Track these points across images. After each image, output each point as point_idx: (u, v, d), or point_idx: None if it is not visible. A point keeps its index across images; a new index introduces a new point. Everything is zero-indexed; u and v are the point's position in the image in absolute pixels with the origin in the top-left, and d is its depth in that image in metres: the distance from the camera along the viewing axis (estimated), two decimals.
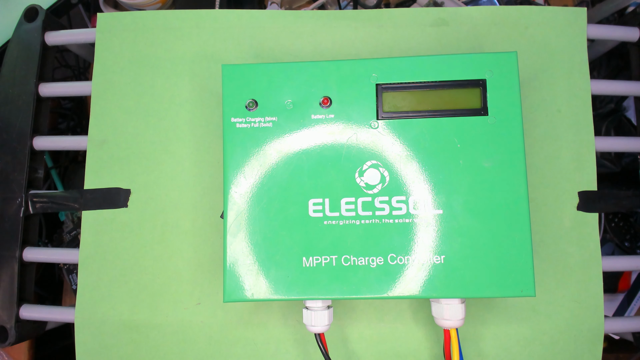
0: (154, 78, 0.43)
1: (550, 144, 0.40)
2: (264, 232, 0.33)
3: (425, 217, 0.32)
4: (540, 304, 0.39)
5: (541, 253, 0.39)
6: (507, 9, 0.42)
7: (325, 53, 0.42)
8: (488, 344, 0.39)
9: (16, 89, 0.44)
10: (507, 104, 0.33)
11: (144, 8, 0.53)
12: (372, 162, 0.33)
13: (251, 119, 0.34)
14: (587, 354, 0.38)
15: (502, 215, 0.32)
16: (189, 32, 0.43)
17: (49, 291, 0.57)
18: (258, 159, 0.33)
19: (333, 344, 0.39)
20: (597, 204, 0.40)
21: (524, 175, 0.32)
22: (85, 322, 0.40)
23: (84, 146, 0.43)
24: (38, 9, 0.45)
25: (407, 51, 0.42)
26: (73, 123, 0.63)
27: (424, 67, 0.34)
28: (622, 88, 0.43)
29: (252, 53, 0.43)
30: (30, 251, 0.42)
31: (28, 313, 0.41)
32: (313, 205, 0.33)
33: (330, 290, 0.32)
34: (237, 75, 0.34)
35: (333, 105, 0.34)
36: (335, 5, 0.55)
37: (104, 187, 0.42)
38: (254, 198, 0.33)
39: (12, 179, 0.43)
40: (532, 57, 0.41)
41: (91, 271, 0.41)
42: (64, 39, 0.46)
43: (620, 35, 0.44)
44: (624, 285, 0.54)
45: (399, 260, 0.32)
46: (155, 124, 0.42)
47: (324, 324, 0.33)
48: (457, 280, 0.32)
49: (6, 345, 0.40)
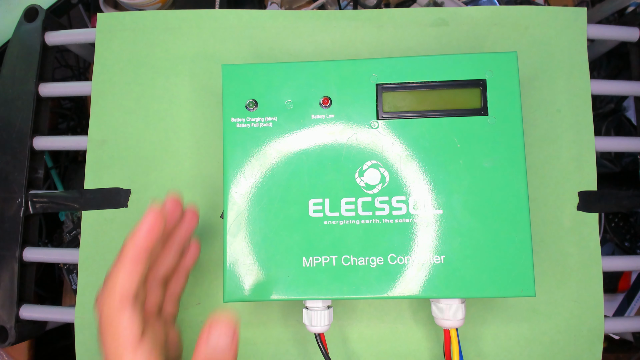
0: (154, 78, 0.43)
1: (550, 144, 0.40)
2: (264, 232, 0.33)
3: (425, 217, 0.32)
4: (540, 304, 0.39)
5: (541, 253, 0.39)
6: (507, 9, 0.42)
7: (325, 53, 0.42)
8: (488, 344, 0.39)
9: (16, 89, 0.44)
10: (507, 104, 0.33)
11: (144, 8, 0.53)
12: (372, 162, 0.33)
13: (251, 119, 0.34)
14: (587, 354, 0.38)
15: (502, 215, 0.32)
16: (189, 32, 0.43)
17: (49, 291, 0.57)
18: (258, 159, 0.33)
19: (333, 344, 0.39)
20: (597, 204, 0.40)
21: (524, 175, 0.32)
22: (85, 322, 0.40)
23: (84, 146, 0.43)
24: (38, 9, 0.45)
25: (407, 51, 0.42)
26: (73, 123, 0.63)
27: (424, 67, 0.34)
28: (622, 88, 0.43)
29: (252, 53, 0.43)
30: (30, 251, 0.42)
31: (28, 313, 0.41)
32: (313, 205, 0.33)
33: (330, 290, 0.32)
34: (237, 75, 0.34)
35: (333, 105, 0.34)
36: (335, 5, 0.55)
37: (104, 187, 0.42)
38: (254, 198, 0.33)
39: (12, 179, 0.43)
40: (532, 57, 0.41)
41: (91, 271, 0.41)
42: (64, 39, 0.46)
43: (620, 35, 0.44)
44: (624, 285, 0.54)
45: (399, 260, 0.32)
46: (155, 124, 0.42)
47: (324, 324, 0.33)
48: (457, 280, 0.32)
49: (6, 345, 0.40)
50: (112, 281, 0.26)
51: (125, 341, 0.25)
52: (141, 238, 0.27)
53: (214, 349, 0.25)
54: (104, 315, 0.26)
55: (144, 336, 0.26)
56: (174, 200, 0.33)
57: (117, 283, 0.26)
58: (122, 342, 0.25)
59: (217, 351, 0.25)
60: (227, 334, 0.26)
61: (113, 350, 0.26)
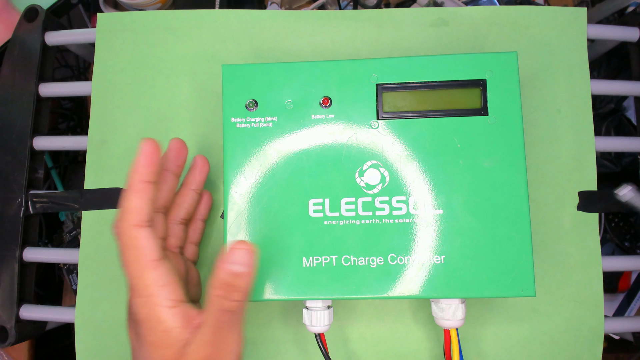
0: (154, 78, 0.43)
1: (550, 144, 0.40)
2: (264, 232, 0.33)
3: (425, 217, 0.32)
4: (540, 304, 0.39)
5: (541, 253, 0.39)
6: (507, 9, 0.42)
7: (325, 53, 0.42)
8: (488, 344, 0.39)
9: (16, 89, 0.44)
10: (507, 104, 0.33)
11: (144, 8, 0.53)
12: (372, 162, 0.33)
13: (251, 119, 0.34)
14: (587, 354, 0.38)
15: (502, 215, 0.32)
16: (189, 32, 0.43)
17: (49, 291, 0.57)
18: (258, 159, 0.33)
19: (333, 344, 0.39)
20: (597, 204, 0.40)
21: (524, 175, 0.32)
22: (85, 322, 0.40)
23: (84, 146, 0.43)
24: (38, 9, 0.45)
25: (407, 51, 0.42)
26: (73, 123, 0.63)
27: (424, 67, 0.34)
28: (622, 88, 0.43)
29: (252, 53, 0.43)
30: (30, 251, 0.42)
31: (28, 313, 0.41)
32: (313, 205, 0.33)
33: (330, 290, 0.32)
34: (237, 75, 0.34)
35: (333, 105, 0.34)
36: (335, 5, 0.55)
37: (104, 187, 0.42)
38: (254, 198, 0.33)
39: (12, 179, 0.43)
40: (532, 57, 0.41)
41: (91, 271, 0.41)
42: (64, 39, 0.46)
43: (620, 35, 0.44)
44: (624, 285, 0.54)
45: (399, 260, 0.32)
46: (155, 124, 0.42)
47: (324, 324, 0.33)
48: (457, 280, 0.32)
49: (6, 345, 0.40)
50: (124, 208, 0.28)
51: (145, 259, 0.28)
52: (140, 166, 0.29)
53: (231, 272, 0.27)
54: (122, 238, 0.28)
55: (164, 260, 0.28)
56: (177, 140, 0.35)
57: (128, 207, 0.28)
58: (142, 259, 0.27)
59: (235, 274, 0.27)
60: (245, 259, 0.28)
61: (135, 270, 0.28)
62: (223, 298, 0.28)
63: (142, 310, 0.28)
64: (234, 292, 0.28)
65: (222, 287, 0.28)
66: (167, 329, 0.27)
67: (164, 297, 0.28)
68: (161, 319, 0.27)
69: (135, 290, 0.28)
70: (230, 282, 0.28)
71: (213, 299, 0.28)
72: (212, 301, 0.28)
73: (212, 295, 0.28)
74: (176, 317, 0.28)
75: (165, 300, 0.28)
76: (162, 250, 0.29)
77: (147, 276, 0.28)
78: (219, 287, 0.28)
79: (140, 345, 0.28)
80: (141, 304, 0.28)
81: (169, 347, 0.27)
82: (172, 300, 0.28)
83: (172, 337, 0.27)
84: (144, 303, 0.28)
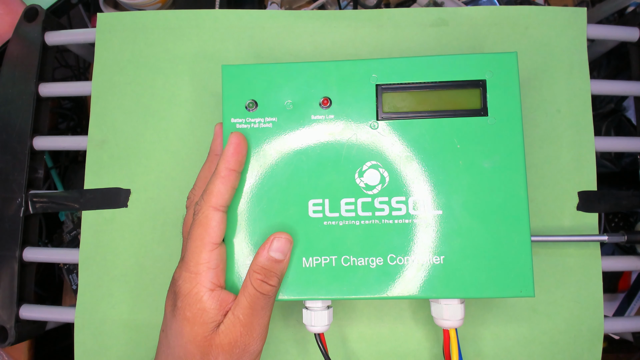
0: (154, 78, 0.43)
1: (550, 144, 0.40)
2: (264, 232, 0.33)
3: (424, 218, 0.32)
4: (540, 304, 0.39)
5: (541, 253, 0.39)
6: (507, 9, 0.42)
7: (325, 53, 0.42)
8: (488, 344, 0.39)
9: (16, 89, 0.44)
10: (507, 104, 0.33)
11: (144, 8, 0.53)
12: (371, 163, 0.33)
13: (251, 120, 0.34)
14: (587, 354, 0.38)
15: (501, 216, 0.32)
16: (189, 32, 0.43)
17: (49, 291, 0.57)
18: (258, 159, 0.33)
19: (333, 344, 0.39)
20: (597, 204, 0.40)
21: (524, 176, 0.32)
22: (85, 322, 0.40)
23: (84, 146, 0.43)
24: (38, 9, 0.45)
25: (407, 51, 0.42)
26: (73, 123, 0.63)
27: (424, 68, 0.33)
28: (622, 88, 0.43)
29: (252, 53, 0.43)
30: (30, 251, 0.42)
31: (28, 313, 0.41)
32: (313, 205, 0.33)
33: (330, 290, 0.32)
34: (237, 76, 0.34)
35: (333, 106, 0.34)
36: (335, 5, 0.55)
37: (104, 187, 0.42)
38: (254, 198, 0.33)
39: (12, 179, 0.43)
40: (532, 57, 0.41)
41: (91, 271, 0.41)
42: (64, 39, 0.46)
43: (620, 35, 0.44)
44: (624, 285, 0.54)
45: (399, 261, 0.32)
46: (155, 124, 0.42)
47: (323, 324, 0.33)
48: (456, 281, 0.32)
49: (6, 345, 0.40)
50: (210, 188, 0.31)
51: (208, 239, 0.30)
52: (229, 154, 0.31)
53: (271, 258, 0.31)
54: (198, 216, 0.31)
55: (221, 246, 0.31)
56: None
57: (214, 190, 0.31)
58: (205, 239, 0.30)
59: (274, 260, 0.31)
60: (284, 247, 0.31)
61: (196, 246, 0.30)
62: (261, 281, 0.30)
63: (186, 285, 0.30)
64: (271, 277, 0.30)
65: (262, 271, 0.30)
66: (204, 309, 0.29)
67: (208, 279, 0.30)
68: (201, 298, 0.29)
69: (187, 265, 0.30)
70: (269, 267, 0.30)
71: (252, 281, 0.30)
72: (251, 284, 0.30)
73: (251, 279, 0.30)
74: (213, 299, 0.30)
75: (208, 282, 0.30)
76: (222, 237, 0.31)
77: (203, 255, 0.30)
78: (258, 272, 0.30)
79: (173, 317, 0.30)
80: (187, 279, 0.30)
81: (202, 325, 0.29)
82: (214, 284, 0.30)
83: (207, 317, 0.29)
84: (190, 279, 0.30)
